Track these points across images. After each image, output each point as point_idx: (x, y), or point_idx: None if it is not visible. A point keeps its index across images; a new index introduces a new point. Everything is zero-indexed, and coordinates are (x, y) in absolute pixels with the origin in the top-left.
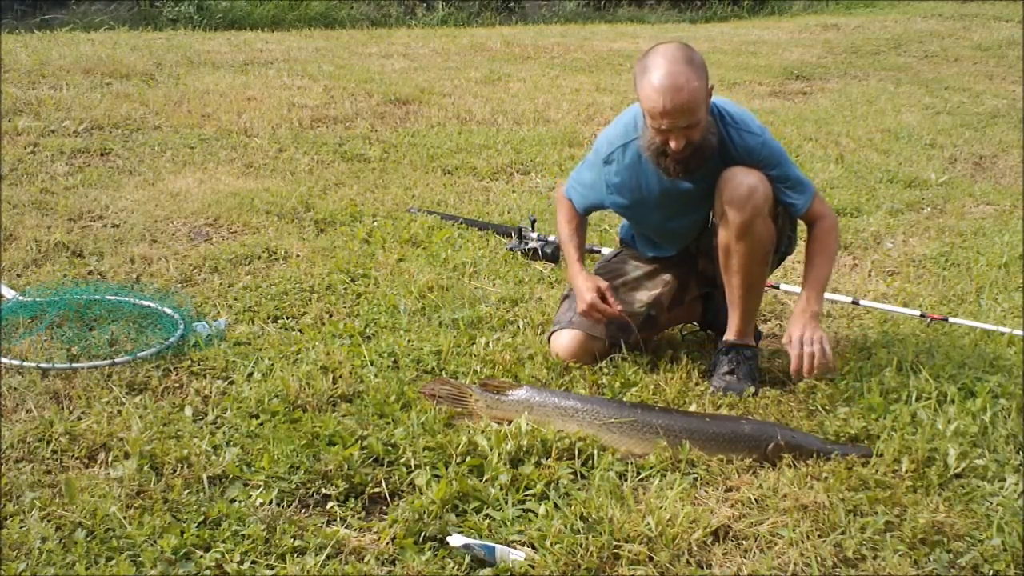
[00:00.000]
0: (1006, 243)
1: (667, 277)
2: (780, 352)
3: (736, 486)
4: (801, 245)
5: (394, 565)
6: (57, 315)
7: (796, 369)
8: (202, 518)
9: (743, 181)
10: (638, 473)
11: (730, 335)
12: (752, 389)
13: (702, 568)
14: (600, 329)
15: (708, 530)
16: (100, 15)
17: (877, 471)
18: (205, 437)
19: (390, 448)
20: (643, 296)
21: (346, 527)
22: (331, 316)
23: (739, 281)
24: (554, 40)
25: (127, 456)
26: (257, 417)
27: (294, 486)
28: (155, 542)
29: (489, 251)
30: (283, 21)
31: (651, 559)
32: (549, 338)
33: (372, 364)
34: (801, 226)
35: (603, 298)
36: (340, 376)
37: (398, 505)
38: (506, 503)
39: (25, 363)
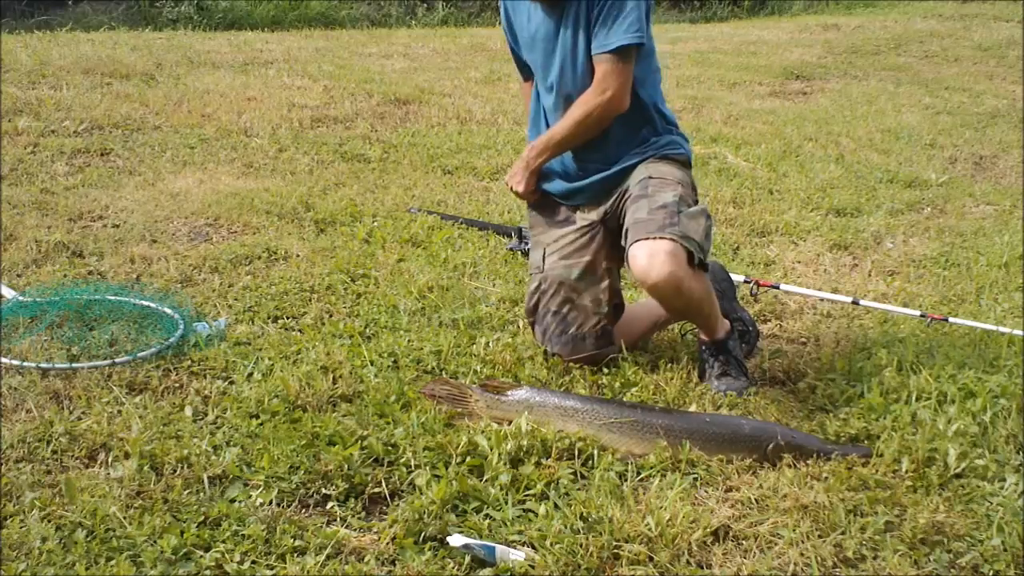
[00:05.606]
0: (1006, 243)
1: (587, 260)
2: (780, 352)
3: (736, 486)
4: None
5: (394, 565)
6: (57, 315)
7: None
8: (202, 518)
9: (649, 267)
10: (638, 473)
11: (704, 336)
12: (751, 386)
13: (702, 568)
14: (587, 346)
15: (708, 530)
16: (99, 15)
17: (877, 471)
18: (205, 437)
19: (390, 448)
20: (601, 295)
21: (346, 527)
22: (331, 316)
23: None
24: None
25: (127, 456)
26: (257, 417)
27: (294, 486)
28: (155, 542)
29: (489, 251)
30: (283, 21)
31: (651, 559)
32: None
33: (372, 364)
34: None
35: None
36: (340, 376)
37: (398, 505)
38: (506, 503)
39: (25, 363)
